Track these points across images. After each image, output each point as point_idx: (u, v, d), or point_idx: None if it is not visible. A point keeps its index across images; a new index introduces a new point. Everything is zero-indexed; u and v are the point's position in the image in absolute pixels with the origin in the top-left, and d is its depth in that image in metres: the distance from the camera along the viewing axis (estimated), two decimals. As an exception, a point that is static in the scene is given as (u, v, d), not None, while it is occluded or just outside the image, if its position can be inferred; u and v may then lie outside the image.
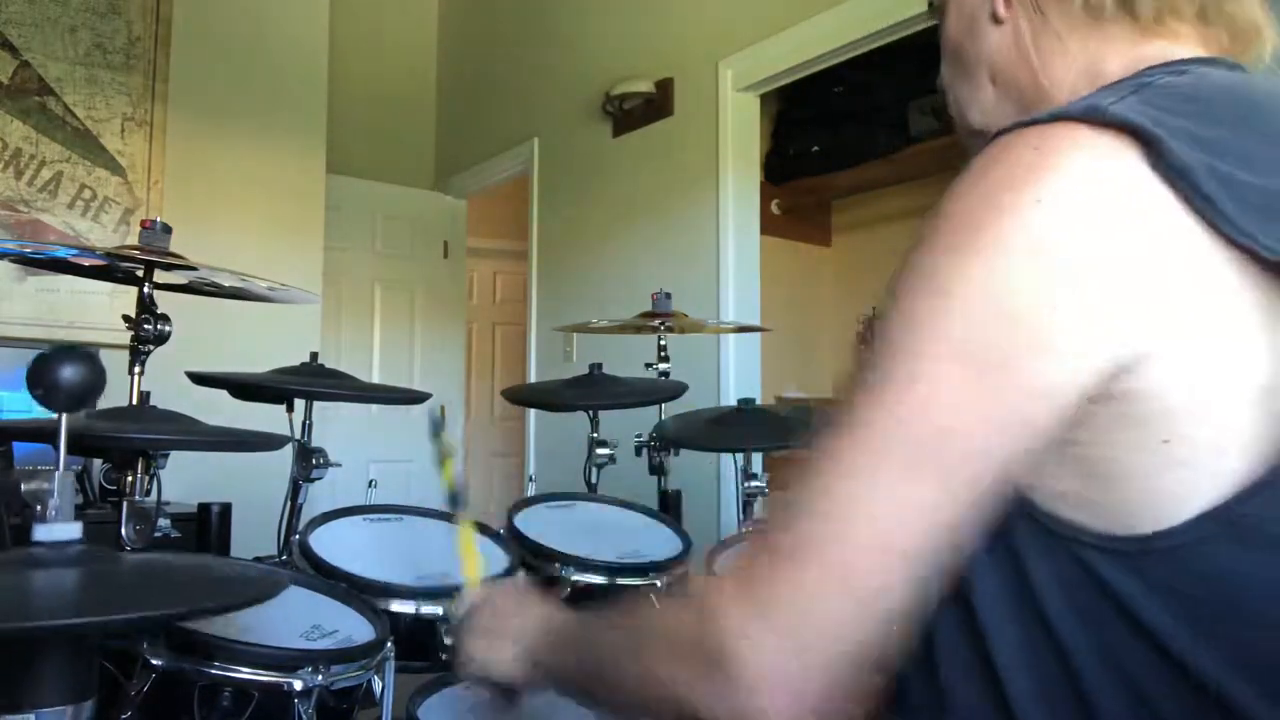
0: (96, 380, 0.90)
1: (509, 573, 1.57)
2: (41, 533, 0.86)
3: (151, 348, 1.55)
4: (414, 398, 1.88)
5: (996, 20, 0.69)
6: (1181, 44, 0.64)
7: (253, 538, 1.74)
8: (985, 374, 0.51)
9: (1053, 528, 0.55)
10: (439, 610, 1.44)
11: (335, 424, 3.94)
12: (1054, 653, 0.54)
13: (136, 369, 1.56)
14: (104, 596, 0.84)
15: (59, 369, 0.88)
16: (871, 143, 3.73)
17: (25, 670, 0.82)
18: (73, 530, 0.88)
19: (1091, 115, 0.54)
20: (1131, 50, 0.64)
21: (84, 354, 0.90)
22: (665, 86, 3.55)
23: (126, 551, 1.36)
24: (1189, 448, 0.51)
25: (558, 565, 1.63)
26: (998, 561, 0.56)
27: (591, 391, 2.15)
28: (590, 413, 2.16)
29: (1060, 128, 0.54)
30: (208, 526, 1.70)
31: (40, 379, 0.88)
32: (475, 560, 0.90)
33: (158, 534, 1.42)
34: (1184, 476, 0.51)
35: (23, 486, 0.85)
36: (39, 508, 0.86)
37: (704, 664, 0.54)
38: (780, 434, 1.95)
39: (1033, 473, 0.54)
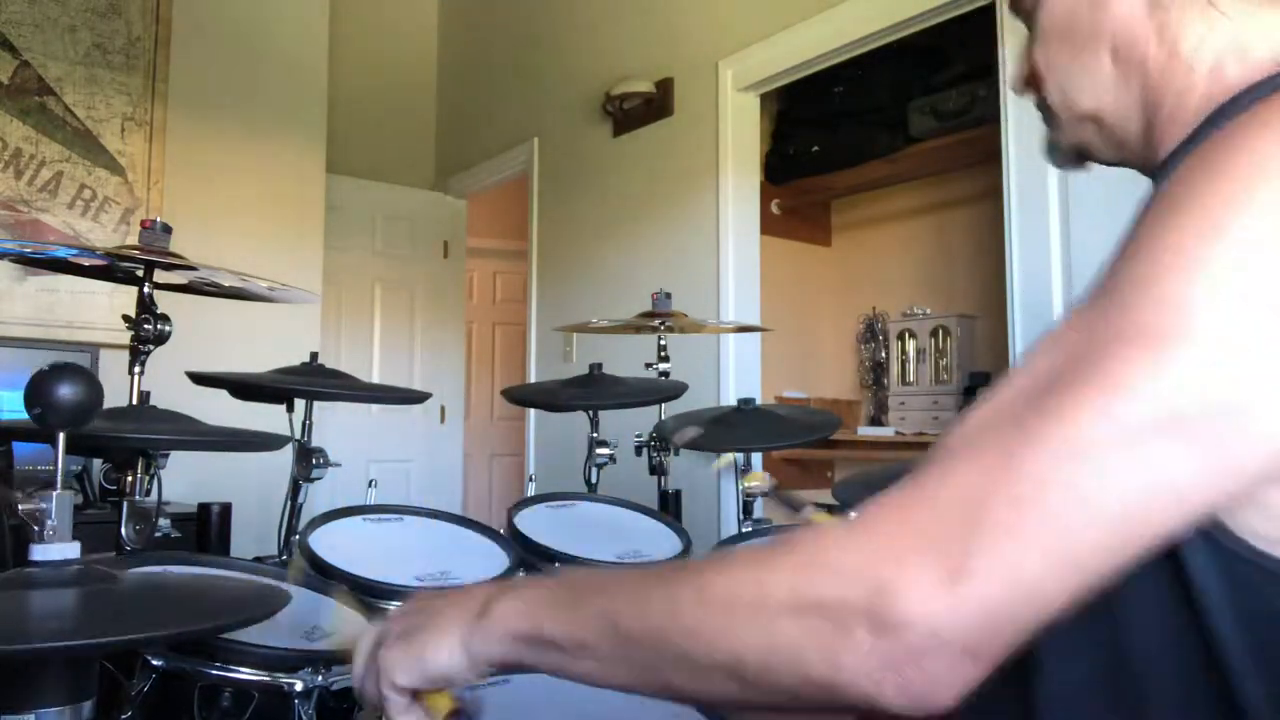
0: (94, 398, 0.89)
1: (510, 573, 1.57)
2: (38, 553, 0.86)
3: (151, 348, 1.55)
4: (414, 398, 1.88)
5: None
6: None
7: (253, 538, 1.75)
8: None
9: (1244, 554, 0.48)
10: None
11: (335, 424, 3.95)
12: (1218, 674, 0.49)
13: (136, 369, 1.56)
14: (101, 617, 0.83)
15: (56, 387, 0.87)
16: (871, 143, 3.73)
17: (25, 684, 0.82)
18: (71, 550, 0.87)
19: None
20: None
21: (81, 372, 0.89)
22: (665, 86, 3.55)
23: (126, 552, 1.36)
24: None
25: (557, 565, 1.63)
26: (1157, 578, 0.50)
27: (591, 391, 2.15)
28: (590, 413, 2.16)
29: None
30: (208, 526, 1.70)
31: (37, 397, 0.87)
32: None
33: (158, 534, 1.42)
34: None
35: (20, 507, 0.84)
36: (36, 528, 0.85)
37: (857, 621, 0.45)
38: (781, 434, 1.95)
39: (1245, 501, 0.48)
